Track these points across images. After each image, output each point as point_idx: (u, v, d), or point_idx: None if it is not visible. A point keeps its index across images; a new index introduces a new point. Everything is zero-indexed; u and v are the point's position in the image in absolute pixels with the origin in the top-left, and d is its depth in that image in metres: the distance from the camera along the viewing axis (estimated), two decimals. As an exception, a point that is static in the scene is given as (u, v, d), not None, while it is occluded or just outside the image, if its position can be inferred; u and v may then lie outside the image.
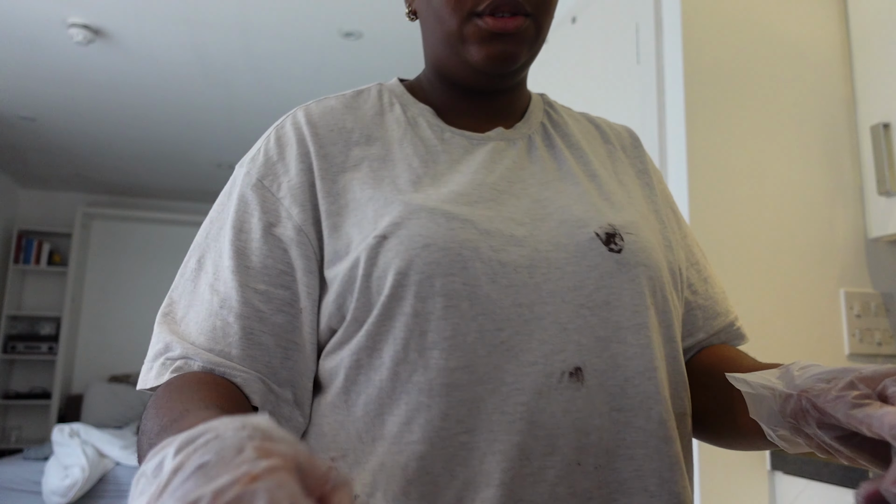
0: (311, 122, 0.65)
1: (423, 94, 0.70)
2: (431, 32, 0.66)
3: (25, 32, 2.93)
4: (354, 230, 0.58)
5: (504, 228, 0.58)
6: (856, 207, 1.58)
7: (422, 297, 0.54)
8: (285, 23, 2.82)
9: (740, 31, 1.55)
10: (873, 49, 1.59)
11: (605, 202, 0.64)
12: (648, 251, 0.61)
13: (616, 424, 0.55)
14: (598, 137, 0.73)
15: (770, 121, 1.54)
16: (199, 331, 0.57)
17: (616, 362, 0.57)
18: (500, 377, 0.53)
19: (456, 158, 0.64)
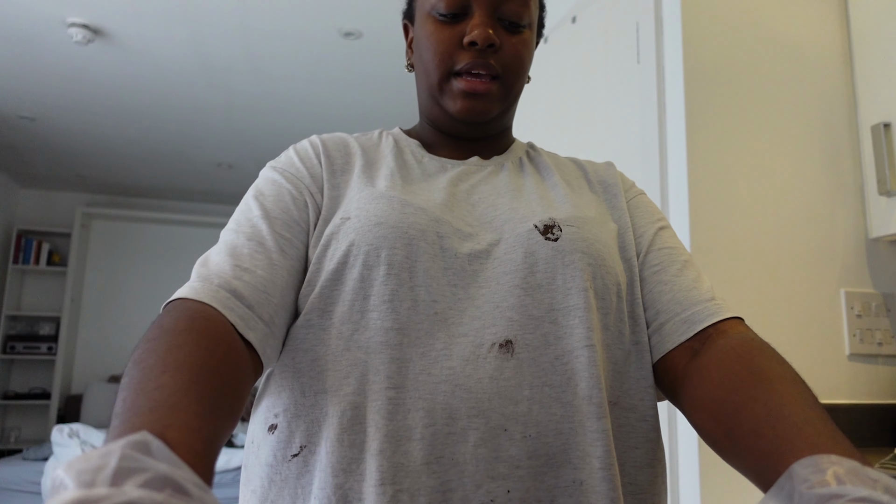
0: (322, 139, 0.77)
1: (416, 135, 0.82)
2: (420, 84, 0.78)
3: (25, 32, 2.93)
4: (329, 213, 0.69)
5: (454, 223, 0.67)
6: (856, 207, 1.58)
7: (368, 266, 0.62)
8: (285, 23, 2.82)
9: (740, 31, 1.55)
10: (873, 49, 1.59)
11: (554, 203, 0.72)
12: (589, 241, 0.67)
13: (547, 398, 0.60)
14: (573, 169, 0.81)
15: (770, 121, 1.54)
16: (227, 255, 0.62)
17: (547, 340, 0.62)
18: (431, 343, 0.60)
19: (428, 174, 0.74)
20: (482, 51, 0.71)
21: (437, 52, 0.72)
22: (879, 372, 1.51)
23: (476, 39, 0.70)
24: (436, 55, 0.72)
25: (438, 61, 0.72)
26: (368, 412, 0.58)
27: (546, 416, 0.59)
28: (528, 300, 0.63)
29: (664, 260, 0.72)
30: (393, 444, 0.56)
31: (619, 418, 0.64)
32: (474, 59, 0.71)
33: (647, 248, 0.74)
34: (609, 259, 0.68)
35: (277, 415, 0.62)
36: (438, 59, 0.72)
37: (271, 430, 0.62)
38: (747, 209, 1.47)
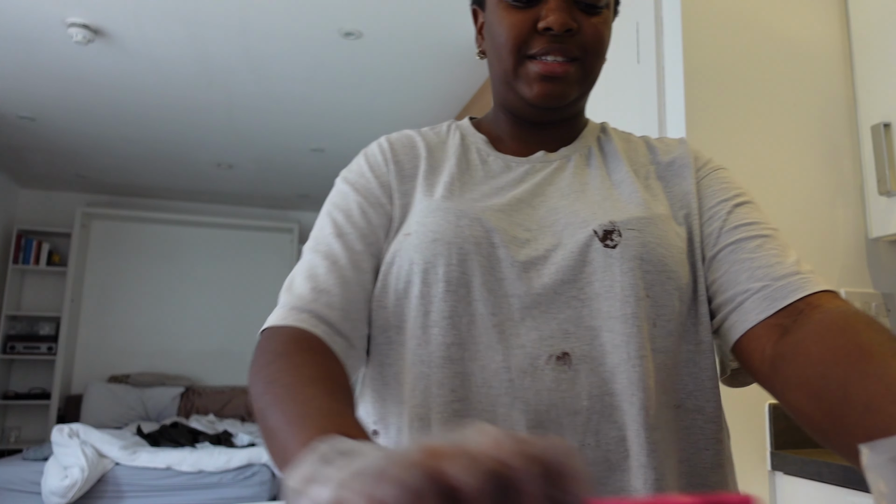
0: (390, 140, 0.77)
1: (486, 126, 0.80)
2: (493, 70, 0.75)
3: (25, 32, 2.92)
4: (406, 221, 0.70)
5: (510, 230, 0.66)
6: (856, 207, 1.58)
7: (427, 283, 0.63)
8: (285, 23, 2.82)
9: (740, 30, 1.55)
10: (873, 49, 1.59)
11: (617, 203, 0.69)
12: (650, 246, 0.65)
13: (607, 408, 0.61)
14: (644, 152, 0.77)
15: (770, 121, 1.54)
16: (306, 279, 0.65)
17: (605, 349, 0.62)
18: (491, 356, 0.61)
19: (491, 175, 0.73)
20: (558, 36, 0.68)
21: (510, 36, 0.69)
22: (879, 372, 1.50)
23: (552, 25, 0.67)
24: (508, 41, 0.69)
25: (512, 46, 0.69)
26: (433, 424, 0.60)
27: (606, 424, 0.60)
28: (584, 311, 0.63)
29: (741, 237, 0.67)
30: None
31: (684, 420, 0.64)
32: (549, 44, 0.68)
33: (721, 227, 0.69)
34: (672, 262, 0.65)
35: (375, 422, 0.67)
36: (511, 45, 0.69)
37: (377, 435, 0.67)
38: (747, 209, 1.47)
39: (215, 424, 5.04)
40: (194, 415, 5.28)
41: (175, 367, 5.77)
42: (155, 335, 5.78)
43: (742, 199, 0.72)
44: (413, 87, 3.47)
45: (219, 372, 5.88)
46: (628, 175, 0.72)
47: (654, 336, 0.63)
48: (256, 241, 6.19)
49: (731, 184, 0.74)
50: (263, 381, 0.54)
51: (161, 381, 5.46)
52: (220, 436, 4.64)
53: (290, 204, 6.17)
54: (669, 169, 0.75)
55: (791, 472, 1.36)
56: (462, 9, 2.67)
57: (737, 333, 0.63)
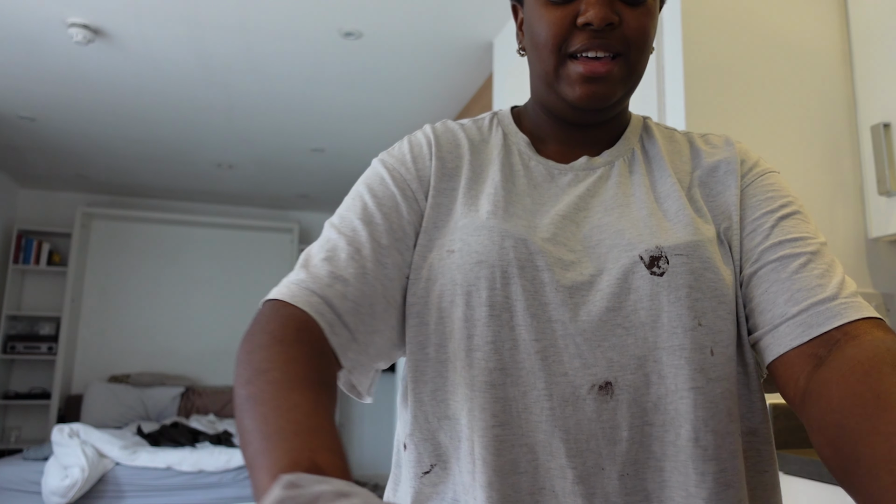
0: (436, 133, 0.75)
1: (527, 122, 0.77)
2: (534, 70, 0.72)
3: (25, 32, 2.93)
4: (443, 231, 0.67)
5: (555, 252, 0.64)
6: (856, 207, 1.58)
7: (471, 306, 0.62)
8: (285, 23, 2.82)
9: (740, 30, 1.55)
10: (873, 49, 1.59)
11: (667, 224, 0.66)
12: (699, 273, 0.62)
13: (647, 438, 0.60)
14: (686, 154, 0.74)
15: (770, 120, 1.54)
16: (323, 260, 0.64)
17: (649, 380, 0.61)
18: (533, 382, 0.61)
19: (534, 185, 0.71)
20: (599, 31, 0.64)
21: (550, 35, 0.66)
22: (879, 372, 1.51)
23: (591, 20, 0.64)
24: (548, 38, 0.66)
25: (552, 45, 0.66)
26: (476, 447, 0.60)
27: (645, 454, 0.60)
28: (629, 340, 0.61)
29: (784, 254, 0.64)
30: (500, 477, 0.58)
31: (746, 445, 0.63)
32: (590, 40, 0.65)
33: (763, 243, 0.66)
34: (722, 287, 0.63)
35: (408, 435, 0.66)
36: (552, 44, 0.66)
37: (405, 448, 0.67)
38: (747, 209, 1.47)
39: (215, 424, 5.04)
40: (194, 415, 5.29)
41: (175, 367, 5.77)
42: (155, 335, 5.78)
43: (788, 211, 0.67)
44: (413, 87, 3.47)
45: (219, 372, 5.88)
46: (674, 188, 0.69)
47: (713, 364, 0.61)
48: (256, 241, 6.19)
49: (778, 192, 0.69)
50: (253, 367, 0.52)
51: (161, 381, 5.46)
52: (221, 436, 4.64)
53: (290, 204, 6.17)
54: (713, 175, 0.71)
55: (791, 472, 1.36)
56: (462, 9, 2.67)
57: (770, 356, 0.62)
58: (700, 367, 0.60)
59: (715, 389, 0.61)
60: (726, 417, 0.60)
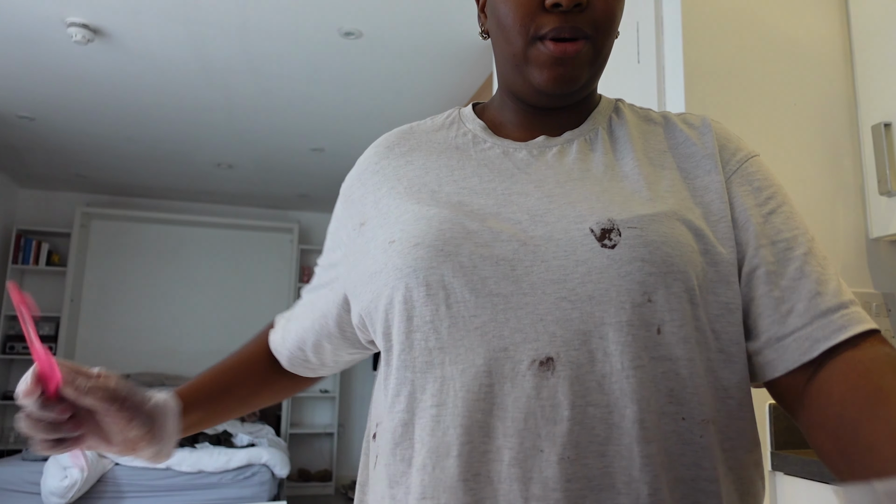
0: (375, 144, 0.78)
1: (489, 112, 0.77)
2: (500, 52, 0.70)
3: (25, 32, 2.92)
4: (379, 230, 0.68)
5: (496, 226, 0.62)
6: (857, 207, 1.58)
7: (409, 288, 0.61)
8: (285, 22, 2.81)
9: (741, 30, 1.55)
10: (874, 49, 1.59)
11: (619, 198, 0.64)
12: (654, 246, 0.59)
13: (590, 419, 0.56)
14: (660, 133, 0.72)
15: (770, 120, 1.54)
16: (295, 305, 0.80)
17: (594, 357, 0.57)
18: (471, 359, 0.58)
19: (484, 164, 0.69)
20: (568, 12, 0.63)
21: (517, 16, 0.65)
22: (880, 372, 1.50)
23: (560, 1, 0.62)
24: (515, 21, 0.65)
25: (519, 27, 0.65)
26: (416, 428, 0.59)
27: (587, 437, 0.56)
28: (574, 314, 0.58)
29: (778, 258, 0.63)
30: (433, 459, 0.57)
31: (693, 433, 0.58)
32: (560, 23, 0.63)
33: (755, 242, 0.64)
34: (680, 261, 0.60)
35: (377, 426, 0.67)
36: (519, 26, 0.65)
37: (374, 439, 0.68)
38: (747, 209, 1.46)
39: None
40: (194, 415, 5.28)
41: (175, 367, 5.77)
42: (155, 335, 5.78)
43: (775, 204, 0.66)
44: (413, 87, 3.47)
45: (218, 372, 5.87)
46: (636, 164, 0.68)
47: (659, 343, 0.59)
48: (256, 241, 6.19)
49: (763, 181, 0.68)
50: None
51: (161, 381, 5.46)
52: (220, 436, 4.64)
53: (290, 204, 6.17)
54: (690, 160, 0.69)
55: (791, 472, 1.35)
56: (462, 9, 2.67)
57: (772, 373, 0.62)
58: (645, 346, 0.58)
59: (657, 369, 0.58)
60: (665, 397, 0.58)
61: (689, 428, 0.59)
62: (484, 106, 0.79)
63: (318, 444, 6.07)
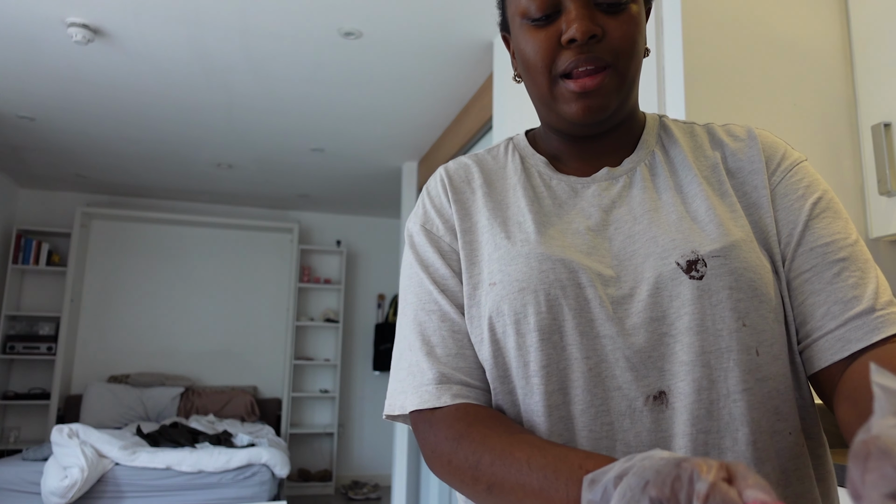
0: (448, 175, 0.77)
1: (542, 143, 0.78)
2: (531, 92, 0.73)
3: (25, 32, 2.92)
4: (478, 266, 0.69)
5: (593, 268, 0.65)
6: (857, 207, 1.58)
7: (521, 333, 0.63)
8: (285, 23, 2.81)
9: (740, 30, 1.55)
10: (874, 49, 1.59)
11: (697, 226, 0.66)
12: (738, 273, 0.62)
13: (703, 445, 0.59)
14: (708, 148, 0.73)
15: (770, 120, 1.54)
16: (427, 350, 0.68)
17: (700, 386, 0.60)
18: (590, 400, 0.61)
19: (559, 203, 0.71)
20: (584, 45, 0.65)
21: (538, 57, 0.68)
22: (880, 372, 1.50)
23: (574, 35, 0.64)
24: (537, 61, 0.68)
25: (542, 67, 0.68)
26: None
27: None
28: (677, 347, 0.61)
29: (817, 263, 0.65)
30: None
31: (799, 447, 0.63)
32: (577, 56, 0.65)
33: (796, 247, 0.66)
34: (762, 285, 0.63)
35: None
36: (541, 66, 0.68)
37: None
38: (747, 209, 1.46)
39: (215, 424, 5.04)
40: (194, 415, 5.28)
41: (175, 367, 5.77)
42: (155, 335, 5.78)
43: (819, 209, 0.68)
44: (413, 87, 3.47)
45: (219, 372, 5.88)
46: (700, 187, 0.69)
47: (759, 365, 0.62)
48: (256, 241, 6.19)
49: (808, 187, 0.69)
50: (465, 468, 0.58)
51: (161, 381, 5.46)
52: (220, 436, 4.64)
53: (290, 204, 6.17)
54: (739, 174, 0.71)
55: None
56: (462, 9, 2.67)
57: (810, 370, 0.65)
58: (748, 369, 0.61)
59: (762, 389, 0.61)
60: (774, 416, 0.61)
61: (796, 441, 0.63)
62: (535, 135, 0.80)
63: (318, 444, 6.07)
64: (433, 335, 0.68)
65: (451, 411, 0.63)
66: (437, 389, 0.65)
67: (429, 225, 0.74)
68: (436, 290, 0.70)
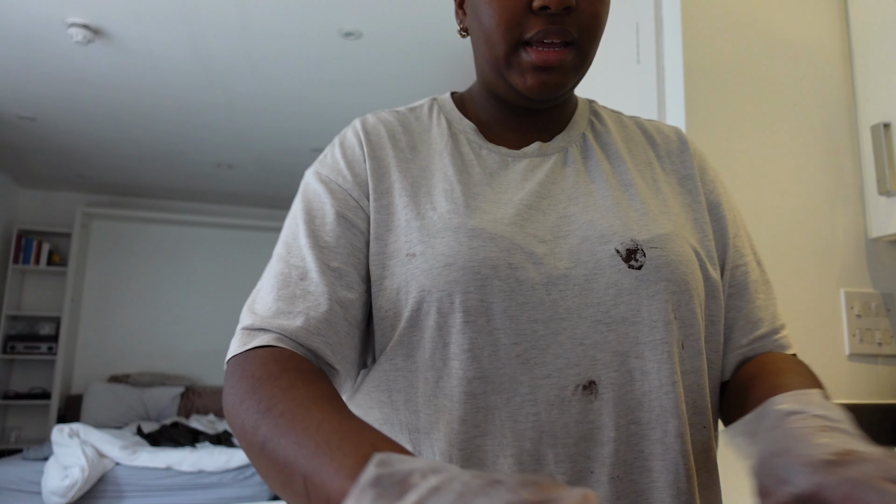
0: (366, 129, 0.70)
1: (472, 108, 0.73)
2: (480, 53, 0.68)
3: (25, 32, 2.93)
4: (392, 235, 0.63)
5: (525, 245, 0.60)
6: (856, 207, 1.58)
7: (443, 313, 0.58)
8: (285, 23, 2.82)
9: (740, 30, 1.55)
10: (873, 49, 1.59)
11: (635, 214, 0.65)
12: (674, 265, 0.62)
13: (633, 437, 0.58)
14: (642, 143, 0.73)
15: (770, 121, 1.54)
16: (275, 298, 0.60)
17: (633, 377, 0.59)
18: (515, 388, 0.57)
19: (490, 173, 0.67)
20: (556, 15, 0.60)
21: (501, 19, 0.62)
22: (879, 372, 1.51)
23: (549, 3, 0.60)
24: (501, 23, 0.62)
25: (504, 30, 0.62)
26: (456, 459, 0.57)
27: (633, 455, 0.58)
28: (611, 335, 0.59)
29: (738, 283, 0.70)
30: None
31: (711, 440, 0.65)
32: (547, 25, 0.61)
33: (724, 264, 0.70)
34: (692, 280, 0.63)
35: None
36: (504, 28, 0.62)
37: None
38: (747, 209, 1.47)
39: (215, 424, 5.04)
40: (194, 415, 5.28)
41: (175, 367, 5.77)
42: (155, 335, 5.78)
43: (735, 227, 0.72)
44: (413, 87, 3.47)
45: (219, 372, 5.88)
46: (633, 179, 0.68)
47: (682, 358, 0.61)
48: (256, 241, 6.19)
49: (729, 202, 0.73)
50: (253, 411, 0.50)
51: (161, 381, 5.46)
52: (220, 436, 4.64)
53: (290, 204, 6.16)
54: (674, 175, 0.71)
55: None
56: (462, 9, 2.68)
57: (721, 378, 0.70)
58: (677, 361, 0.60)
59: (685, 382, 0.62)
60: (692, 409, 0.62)
61: (709, 436, 0.63)
62: (462, 98, 0.75)
63: (319, 444, 6.08)
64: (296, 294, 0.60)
65: (270, 352, 0.56)
66: (260, 336, 0.58)
67: (334, 176, 0.67)
68: (308, 247, 0.62)
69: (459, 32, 0.72)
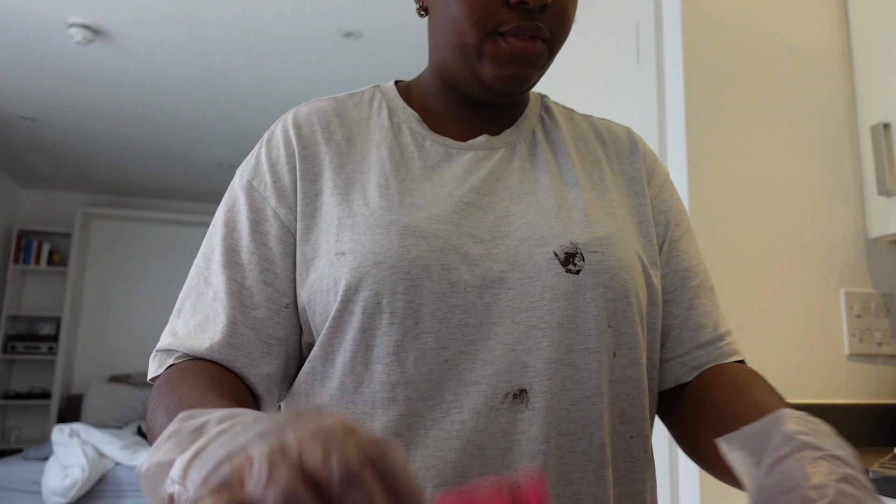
0: (297, 123, 0.67)
1: (418, 96, 0.70)
2: (444, 38, 0.64)
3: (25, 32, 2.93)
4: (322, 236, 0.60)
5: (461, 245, 0.58)
6: (856, 207, 1.58)
7: (369, 314, 0.55)
8: (285, 23, 2.82)
9: (740, 31, 1.55)
10: (873, 49, 1.59)
11: (577, 216, 0.62)
12: (614, 271, 0.59)
13: (561, 449, 0.56)
14: (592, 142, 0.72)
15: (770, 121, 1.54)
16: (192, 320, 0.61)
17: (564, 385, 0.56)
18: (441, 395, 0.54)
19: (431, 166, 0.64)
20: (532, 12, 0.59)
21: (476, 7, 0.59)
22: (879, 372, 1.51)
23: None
24: (473, 12, 0.59)
25: (478, 19, 0.59)
26: None
27: (558, 467, 0.55)
28: (545, 341, 0.56)
29: (677, 287, 0.67)
30: None
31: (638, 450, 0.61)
32: (523, 21, 0.59)
33: (664, 266, 0.67)
34: (632, 287, 0.61)
35: None
36: (478, 17, 0.59)
37: None
38: (747, 209, 1.47)
39: (215, 424, 5.04)
40: (195, 414, 5.28)
41: (175, 367, 5.77)
42: (155, 335, 5.72)
43: (681, 230, 0.70)
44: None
45: (219, 372, 5.88)
46: (579, 179, 0.66)
47: (613, 367, 0.59)
48: (257, 241, 6.19)
49: (676, 205, 0.71)
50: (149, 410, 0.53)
51: (161, 381, 5.46)
52: (221, 435, 4.65)
53: (291, 204, 6.18)
54: (622, 176, 0.69)
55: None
56: (462, 9, 2.67)
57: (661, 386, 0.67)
58: (606, 370, 0.58)
59: (613, 391, 0.59)
60: (618, 419, 0.59)
61: (636, 445, 0.61)
62: (409, 87, 0.72)
63: (319, 444, 6.08)
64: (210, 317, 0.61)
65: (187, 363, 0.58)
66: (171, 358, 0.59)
67: (256, 182, 0.64)
68: (221, 265, 0.61)
69: (418, 11, 0.69)
